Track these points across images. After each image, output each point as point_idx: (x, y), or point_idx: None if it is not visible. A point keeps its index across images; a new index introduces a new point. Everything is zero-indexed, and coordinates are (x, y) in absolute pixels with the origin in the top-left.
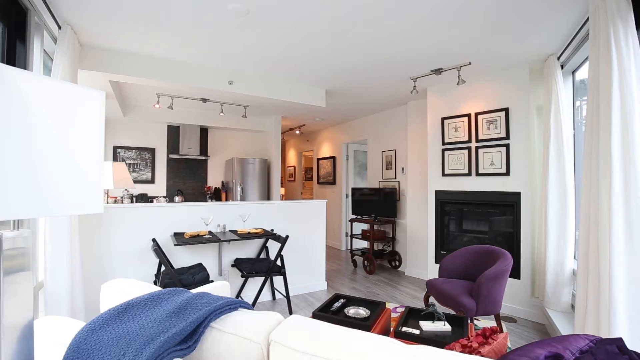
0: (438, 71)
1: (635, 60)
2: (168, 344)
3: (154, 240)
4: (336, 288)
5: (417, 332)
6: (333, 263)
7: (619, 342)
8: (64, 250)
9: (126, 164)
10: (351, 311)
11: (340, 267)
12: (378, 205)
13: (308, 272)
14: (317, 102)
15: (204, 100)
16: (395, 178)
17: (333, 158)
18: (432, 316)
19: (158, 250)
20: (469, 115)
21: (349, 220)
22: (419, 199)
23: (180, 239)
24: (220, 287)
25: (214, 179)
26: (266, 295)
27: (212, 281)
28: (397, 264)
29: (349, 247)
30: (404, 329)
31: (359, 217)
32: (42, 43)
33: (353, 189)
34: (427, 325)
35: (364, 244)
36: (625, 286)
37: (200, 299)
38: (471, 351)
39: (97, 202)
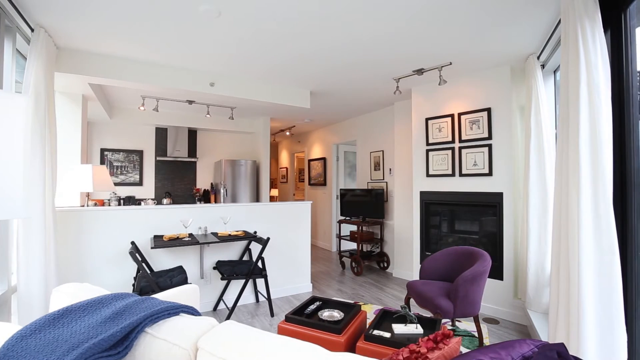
0: (420, 71)
1: (603, 60)
2: (93, 350)
3: (132, 243)
4: (322, 290)
5: (388, 335)
6: (322, 265)
7: (559, 348)
8: (38, 253)
9: (113, 166)
10: (325, 314)
11: (328, 269)
12: (366, 206)
13: (293, 274)
14: (301, 103)
15: (190, 102)
16: (383, 179)
17: (323, 159)
18: (404, 319)
19: (133, 253)
20: (452, 116)
21: (338, 222)
22: (406, 199)
23: (158, 241)
24: (187, 291)
25: (203, 181)
26: (250, 297)
27: (190, 284)
28: (385, 265)
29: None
30: (376, 332)
31: (347, 218)
32: (14, 44)
33: (341, 190)
34: (399, 328)
35: (354, 246)
36: (594, 288)
37: (142, 304)
38: (418, 356)
39: (18, 207)
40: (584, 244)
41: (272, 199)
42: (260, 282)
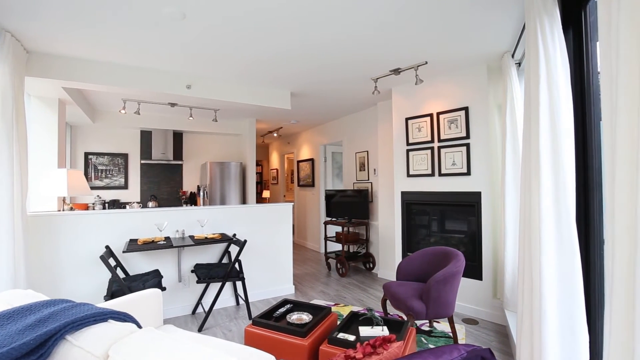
0: (397, 71)
1: (562, 57)
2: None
3: (107, 247)
4: (305, 292)
5: (352, 338)
6: (309, 266)
7: (484, 353)
8: (6, 258)
9: (98, 170)
10: (294, 317)
11: (315, 270)
12: (352, 207)
13: (275, 277)
14: (282, 105)
15: (172, 104)
16: (368, 179)
17: (312, 160)
18: (371, 321)
19: (104, 257)
20: (431, 115)
21: (324, 223)
22: (389, 200)
23: (132, 245)
24: (147, 296)
25: (190, 184)
26: (230, 300)
27: (164, 288)
28: (371, 266)
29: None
30: (341, 335)
31: (333, 219)
32: None
33: (327, 191)
34: (365, 331)
35: (340, 247)
36: (556, 288)
37: (69, 311)
38: None
39: None
40: (545, 244)
41: (264, 200)
42: (240, 285)
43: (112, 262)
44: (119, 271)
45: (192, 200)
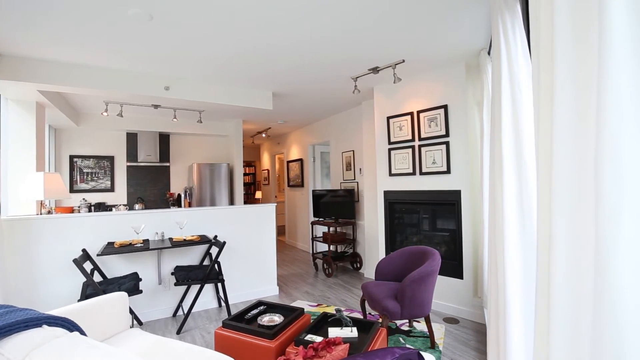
0: (375, 70)
1: (523, 52)
2: None
3: (83, 250)
4: (289, 292)
5: (320, 339)
6: (297, 267)
7: (413, 357)
8: None
9: (83, 172)
10: (265, 319)
11: (302, 271)
12: (339, 207)
13: (259, 278)
14: (264, 105)
15: (155, 106)
16: (354, 179)
17: (301, 160)
18: (341, 322)
19: (78, 260)
20: (411, 114)
21: (311, 223)
22: (374, 199)
23: (108, 248)
24: (113, 300)
25: (178, 185)
26: (212, 302)
27: (141, 291)
28: (358, 265)
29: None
30: (308, 336)
31: (320, 219)
32: None
33: (314, 191)
34: (334, 332)
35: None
36: (521, 286)
37: (3, 317)
38: None
39: None
40: (509, 241)
41: (257, 201)
42: (227, 286)
43: (89, 265)
44: (96, 275)
45: (179, 202)
